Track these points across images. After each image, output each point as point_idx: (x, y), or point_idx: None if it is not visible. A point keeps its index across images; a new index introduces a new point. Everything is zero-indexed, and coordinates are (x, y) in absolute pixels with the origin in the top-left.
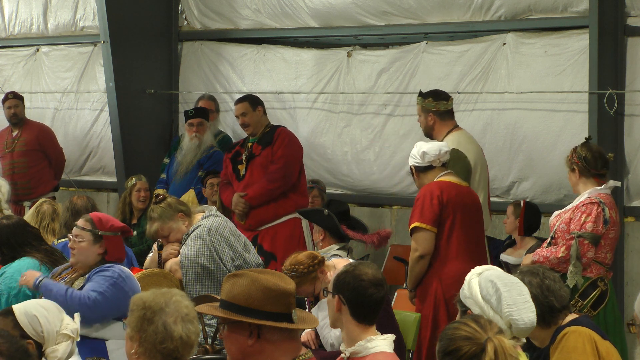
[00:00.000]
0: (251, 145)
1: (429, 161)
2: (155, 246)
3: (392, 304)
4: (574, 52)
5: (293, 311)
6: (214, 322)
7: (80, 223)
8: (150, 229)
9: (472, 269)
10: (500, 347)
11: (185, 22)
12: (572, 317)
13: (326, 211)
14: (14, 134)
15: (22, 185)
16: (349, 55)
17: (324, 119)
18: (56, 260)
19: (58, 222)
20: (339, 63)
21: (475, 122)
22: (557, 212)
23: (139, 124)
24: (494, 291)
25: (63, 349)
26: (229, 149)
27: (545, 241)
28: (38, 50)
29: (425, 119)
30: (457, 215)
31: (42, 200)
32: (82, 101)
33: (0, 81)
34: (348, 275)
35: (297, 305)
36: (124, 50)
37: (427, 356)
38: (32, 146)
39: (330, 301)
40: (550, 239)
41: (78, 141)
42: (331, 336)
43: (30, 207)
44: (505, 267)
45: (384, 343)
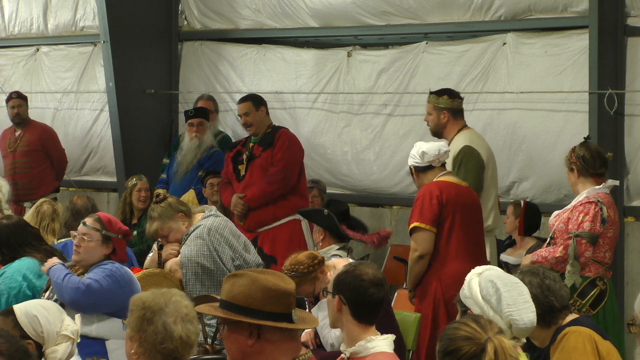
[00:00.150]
0: (252, 145)
1: (428, 161)
2: (155, 246)
3: (392, 304)
4: (574, 52)
5: (293, 311)
6: (214, 322)
7: (90, 222)
8: (150, 228)
9: (472, 269)
10: (500, 347)
11: (185, 22)
12: (572, 317)
13: (326, 211)
14: (16, 133)
15: (24, 185)
16: (349, 55)
17: (324, 119)
18: None
19: (58, 222)
20: (339, 63)
21: (475, 122)
22: (557, 212)
23: (139, 124)
24: (494, 291)
25: (63, 349)
26: (230, 147)
27: (545, 241)
28: (38, 50)
29: (437, 116)
30: (457, 215)
31: (42, 200)
32: (82, 101)
33: (1, 81)
34: (348, 275)
35: (297, 305)
36: (124, 50)
37: (427, 356)
38: (35, 147)
39: (331, 301)
40: (549, 239)
41: (78, 141)
42: (331, 336)
43: (31, 207)
44: (505, 267)
45: (384, 343)
